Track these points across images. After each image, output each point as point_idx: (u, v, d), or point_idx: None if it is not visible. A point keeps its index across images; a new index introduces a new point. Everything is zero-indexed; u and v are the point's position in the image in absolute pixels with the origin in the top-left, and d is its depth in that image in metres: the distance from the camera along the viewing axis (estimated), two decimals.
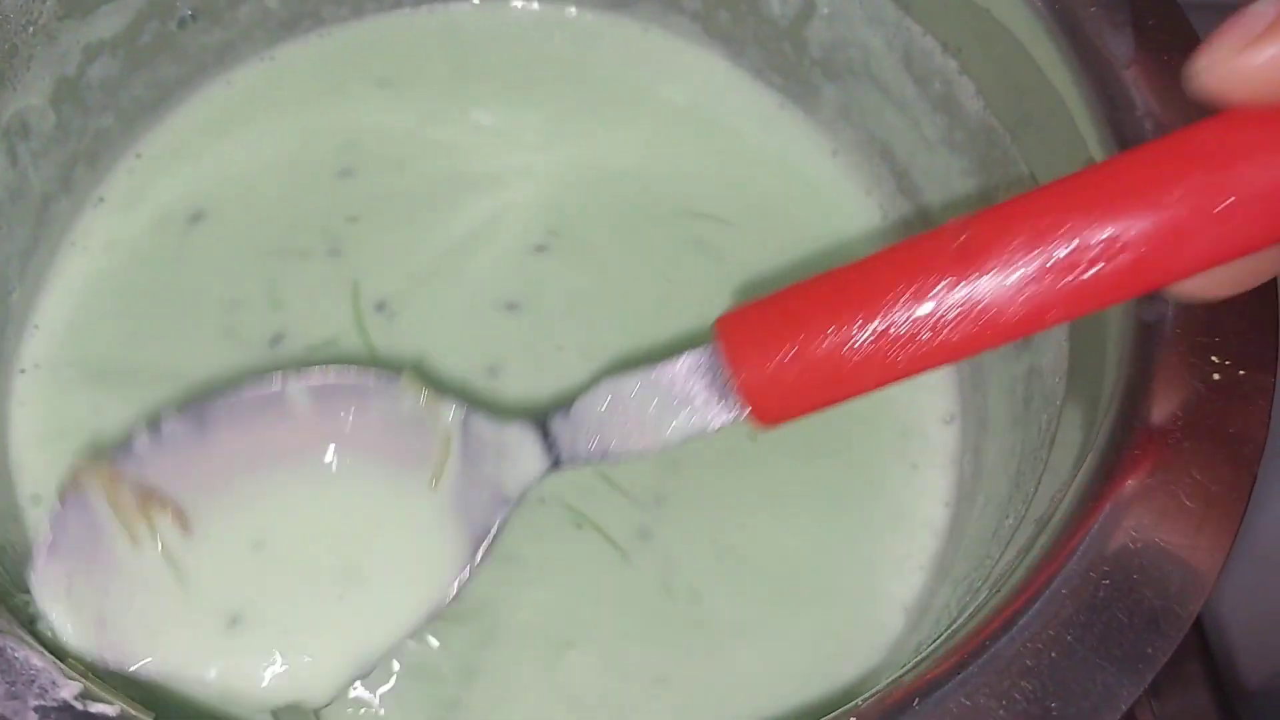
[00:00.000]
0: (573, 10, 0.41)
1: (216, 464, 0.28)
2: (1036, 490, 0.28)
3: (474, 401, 0.30)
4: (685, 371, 0.26)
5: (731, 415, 0.25)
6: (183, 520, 0.28)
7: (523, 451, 0.28)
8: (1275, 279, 0.26)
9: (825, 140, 0.40)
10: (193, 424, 0.28)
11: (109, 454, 0.28)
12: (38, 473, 0.34)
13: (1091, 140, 0.30)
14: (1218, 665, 0.36)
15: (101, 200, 0.38)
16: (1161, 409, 0.25)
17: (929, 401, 0.36)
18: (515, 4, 0.42)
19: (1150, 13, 0.31)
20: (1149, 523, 0.24)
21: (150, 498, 0.28)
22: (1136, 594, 0.23)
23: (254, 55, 0.40)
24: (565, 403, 0.27)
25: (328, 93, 0.40)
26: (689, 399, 0.26)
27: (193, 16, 0.38)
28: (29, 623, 0.27)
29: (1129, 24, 0.30)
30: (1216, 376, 0.25)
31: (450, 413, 0.28)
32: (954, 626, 0.25)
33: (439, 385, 0.32)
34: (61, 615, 0.27)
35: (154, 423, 0.29)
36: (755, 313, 0.25)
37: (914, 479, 0.35)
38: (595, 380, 0.27)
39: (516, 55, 0.41)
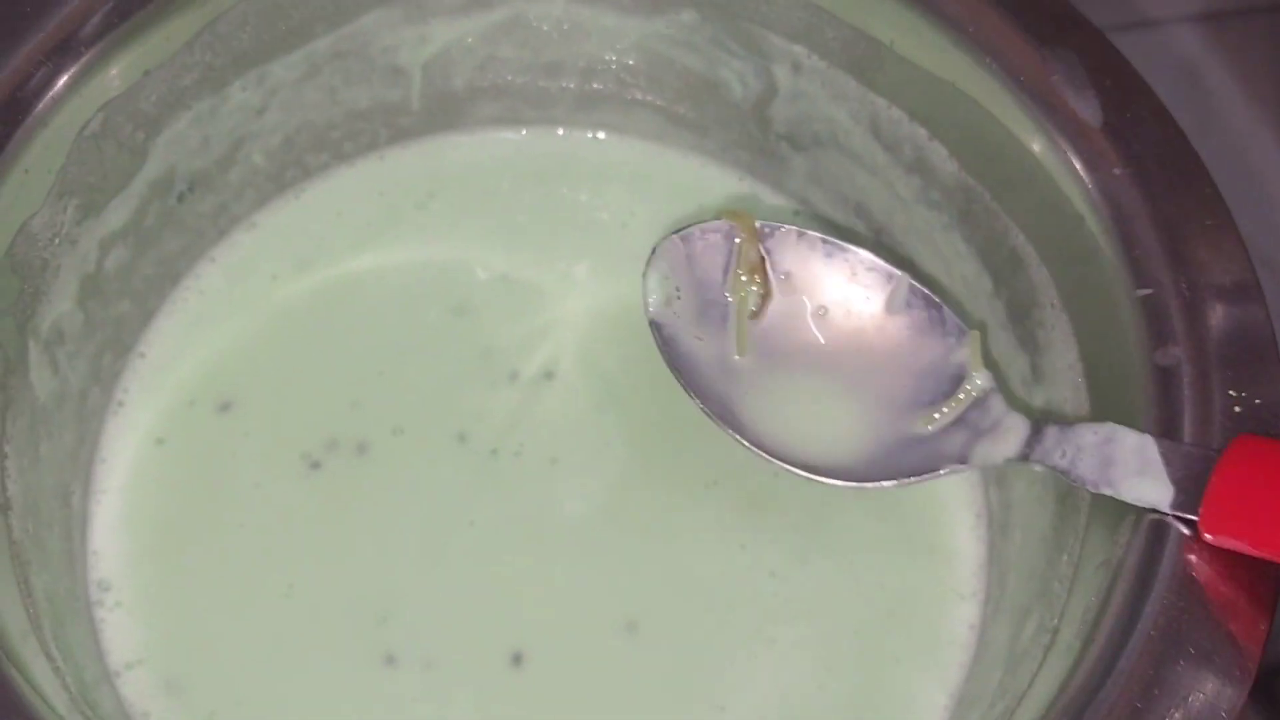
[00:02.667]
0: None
1: (809, 303, 0.34)
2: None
3: None
4: (1181, 456, 0.28)
5: (1185, 514, 0.28)
6: (765, 311, 0.34)
7: (1009, 436, 0.31)
8: (1269, 318, 0.30)
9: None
10: (822, 258, 0.34)
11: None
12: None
13: (1076, 198, 0.33)
14: None
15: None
16: None
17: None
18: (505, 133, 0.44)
19: (1105, 74, 0.34)
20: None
21: (764, 269, 0.33)
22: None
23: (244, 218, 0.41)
24: (1067, 419, 0.31)
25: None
26: (1161, 476, 0.28)
27: (190, 189, 0.39)
28: None
29: (1090, 86, 0.33)
30: (1237, 409, 0.28)
31: (987, 383, 0.33)
32: None
33: None
34: (654, 284, 0.34)
35: (802, 231, 0.35)
36: (1274, 456, 0.27)
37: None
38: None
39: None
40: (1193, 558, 0.27)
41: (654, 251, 0.33)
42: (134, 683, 0.35)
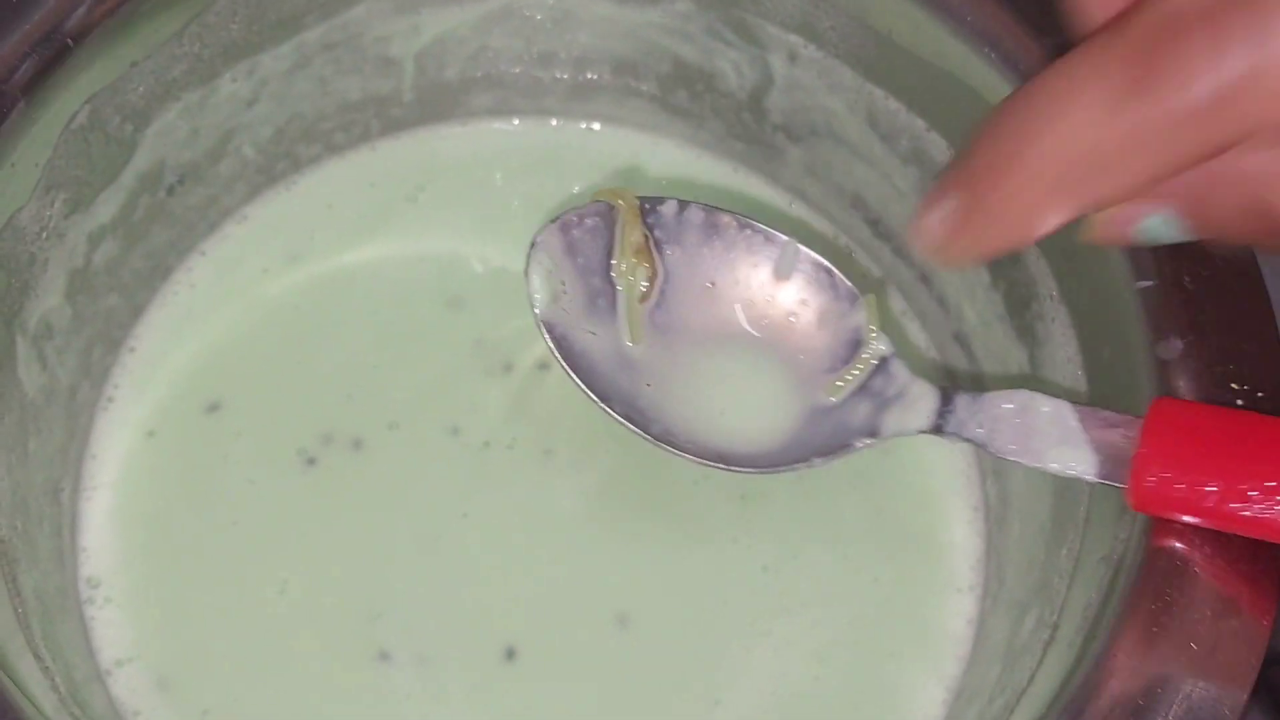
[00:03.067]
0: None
1: (698, 278, 0.32)
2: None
3: None
4: (1099, 422, 0.28)
5: (1112, 482, 0.27)
6: (654, 292, 0.32)
7: (918, 405, 0.30)
8: (1270, 308, 0.29)
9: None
10: (707, 229, 0.32)
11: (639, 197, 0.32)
12: None
13: None
14: None
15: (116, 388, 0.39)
16: None
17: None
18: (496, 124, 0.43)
19: None
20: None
21: (648, 249, 0.31)
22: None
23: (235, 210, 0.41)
24: (977, 387, 0.30)
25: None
26: (1084, 444, 0.28)
27: (180, 181, 0.38)
28: None
29: None
30: (1240, 402, 0.28)
31: (886, 347, 0.32)
32: None
33: None
34: (538, 283, 0.32)
35: (684, 202, 0.32)
36: (1194, 419, 0.27)
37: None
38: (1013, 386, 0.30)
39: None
40: (1196, 553, 0.27)
41: (533, 245, 0.32)
42: (125, 680, 0.35)
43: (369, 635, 0.35)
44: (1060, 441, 0.28)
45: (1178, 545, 0.27)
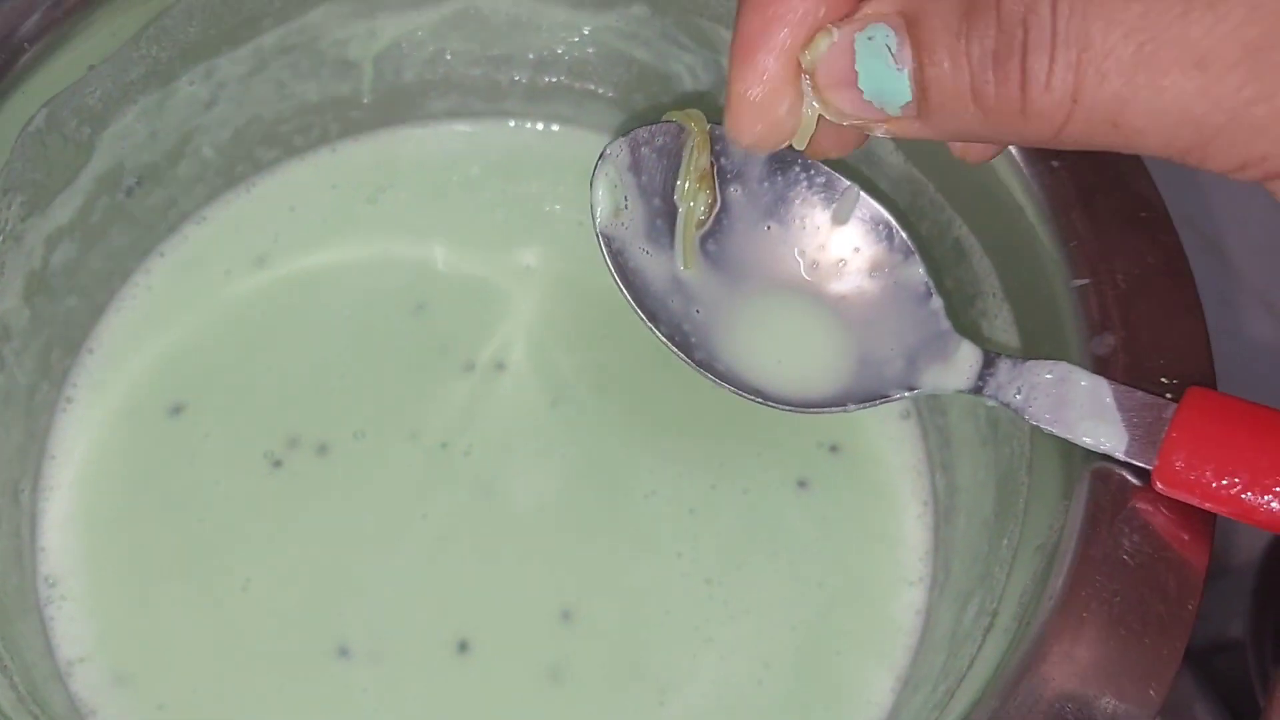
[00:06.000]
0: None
1: (757, 214, 0.32)
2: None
3: None
4: (1133, 402, 0.28)
5: (1139, 462, 0.28)
6: (711, 221, 0.32)
7: (960, 364, 0.31)
8: (1199, 305, 0.30)
9: None
10: (770, 164, 0.31)
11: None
12: None
13: (1016, 189, 0.33)
14: None
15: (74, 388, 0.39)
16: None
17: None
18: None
19: None
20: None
21: (712, 175, 0.31)
22: None
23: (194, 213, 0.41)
24: (1019, 354, 0.31)
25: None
26: (1117, 422, 0.28)
27: (138, 183, 0.39)
28: None
29: None
30: (1169, 395, 0.29)
31: (936, 303, 0.31)
32: None
33: None
34: (601, 195, 0.31)
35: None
36: (1227, 410, 0.27)
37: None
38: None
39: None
40: (1125, 541, 0.28)
41: (601, 156, 0.31)
42: (82, 677, 0.35)
43: (328, 631, 0.36)
44: (1093, 416, 0.29)
45: (1108, 535, 0.28)
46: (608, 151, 0.31)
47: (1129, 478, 0.29)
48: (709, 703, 0.36)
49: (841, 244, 0.32)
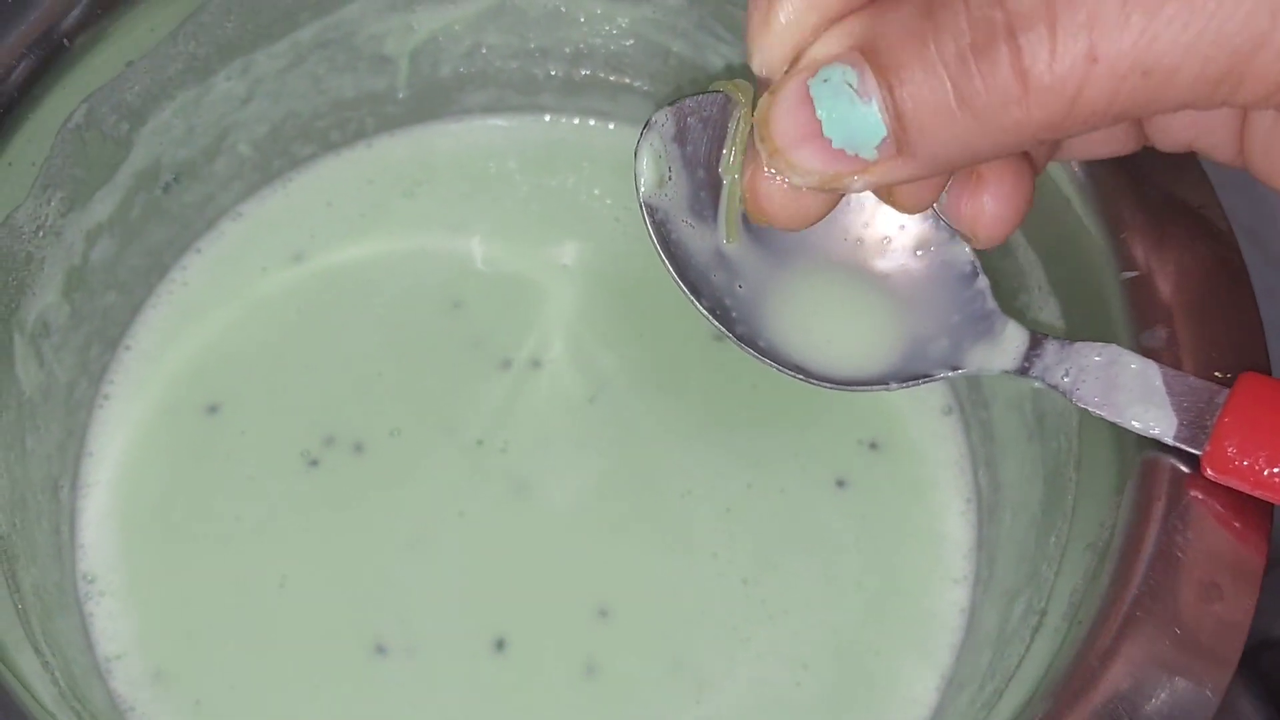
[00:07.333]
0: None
1: None
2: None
3: None
4: (1183, 387, 0.28)
5: (1188, 447, 0.27)
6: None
7: (1007, 345, 0.30)
8: (1253, 298, 0.29)
9: None
10: None
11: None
12: None
13: (1063, 180, 0.33)
14: None
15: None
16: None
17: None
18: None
19: None
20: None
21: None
22: None
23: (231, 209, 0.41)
24: (1067, 336, 0.30)
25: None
26: (1167, 406, 0.28)
27: (176, 179, 0.39)
28: None
29: None
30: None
31: (982, 282, 0.31)
32: None
33: None
34: (646, 164, 0.30)
35: None
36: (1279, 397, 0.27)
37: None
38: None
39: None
40: (1179, 538, 0.27)
41: (647, 125, 0.30)
42: (121, 673, 0.35)
43: (364, 628, 0.36)
44: (1143, 400, 0.28)
45: (1162, 532, 0.27)
46: (654, 120, 0.30)
47: (1180, 467, 0.28)
48: (746, 702, 0.35)
49: (887, 221, 0.31)
